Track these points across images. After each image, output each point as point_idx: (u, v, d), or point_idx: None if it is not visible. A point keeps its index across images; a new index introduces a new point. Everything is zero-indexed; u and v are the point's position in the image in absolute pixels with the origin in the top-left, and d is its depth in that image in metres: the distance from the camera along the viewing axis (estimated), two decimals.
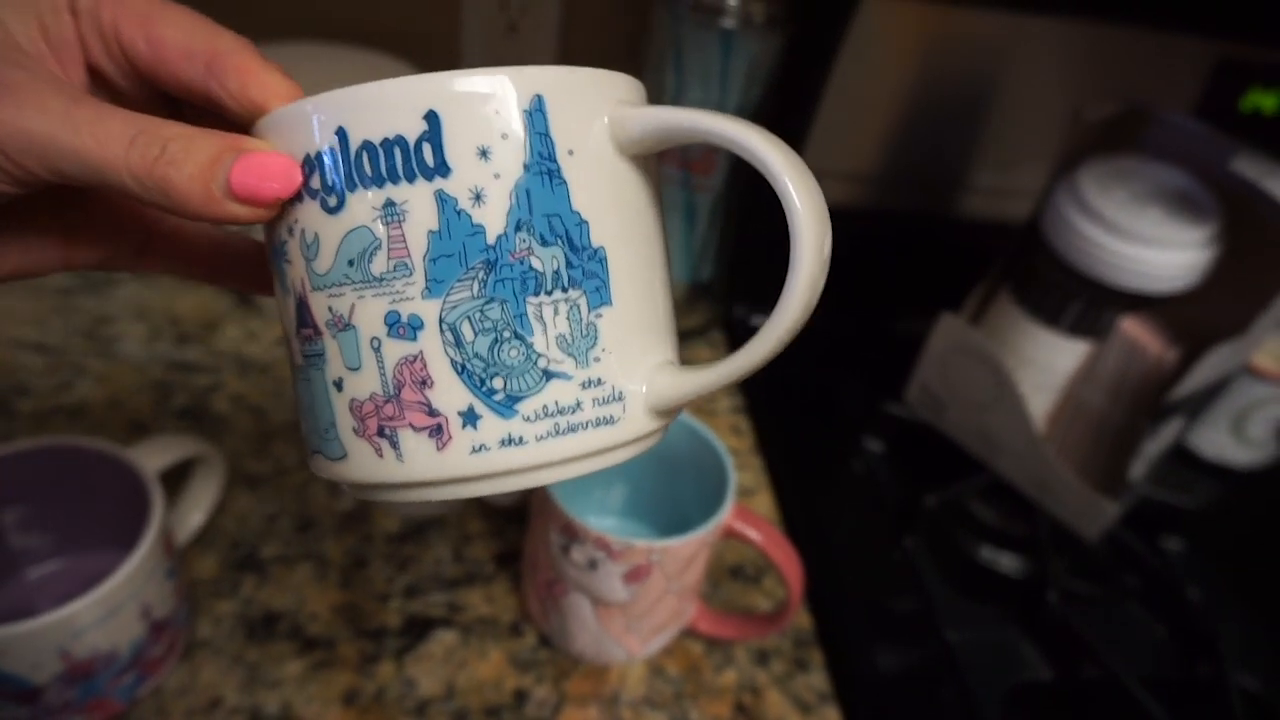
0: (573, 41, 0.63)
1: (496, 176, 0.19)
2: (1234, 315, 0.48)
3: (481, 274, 0.20)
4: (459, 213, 0.19)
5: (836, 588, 0.49)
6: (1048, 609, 0.51)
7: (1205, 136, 0.49)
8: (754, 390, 0.61)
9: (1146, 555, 0.56)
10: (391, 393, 0.20)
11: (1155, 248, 0.48)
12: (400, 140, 0.19)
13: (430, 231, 0.19)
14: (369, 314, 0.20)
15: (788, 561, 0.40)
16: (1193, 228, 0.48)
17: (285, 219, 0.20)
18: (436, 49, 0.63)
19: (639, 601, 0.39)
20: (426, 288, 0.19)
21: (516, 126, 0.19)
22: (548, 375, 0.20)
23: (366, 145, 0.19)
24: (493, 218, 0.19)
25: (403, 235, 0.19)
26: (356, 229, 0.19)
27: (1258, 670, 0.51)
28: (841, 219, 0.78)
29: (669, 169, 0.57)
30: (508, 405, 0.20)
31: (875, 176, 0.70)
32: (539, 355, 0.20)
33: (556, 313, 0.20)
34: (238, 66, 0.21)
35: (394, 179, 0.19)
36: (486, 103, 0.19)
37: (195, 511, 0.43)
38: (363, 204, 0.19)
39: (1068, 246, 0.50)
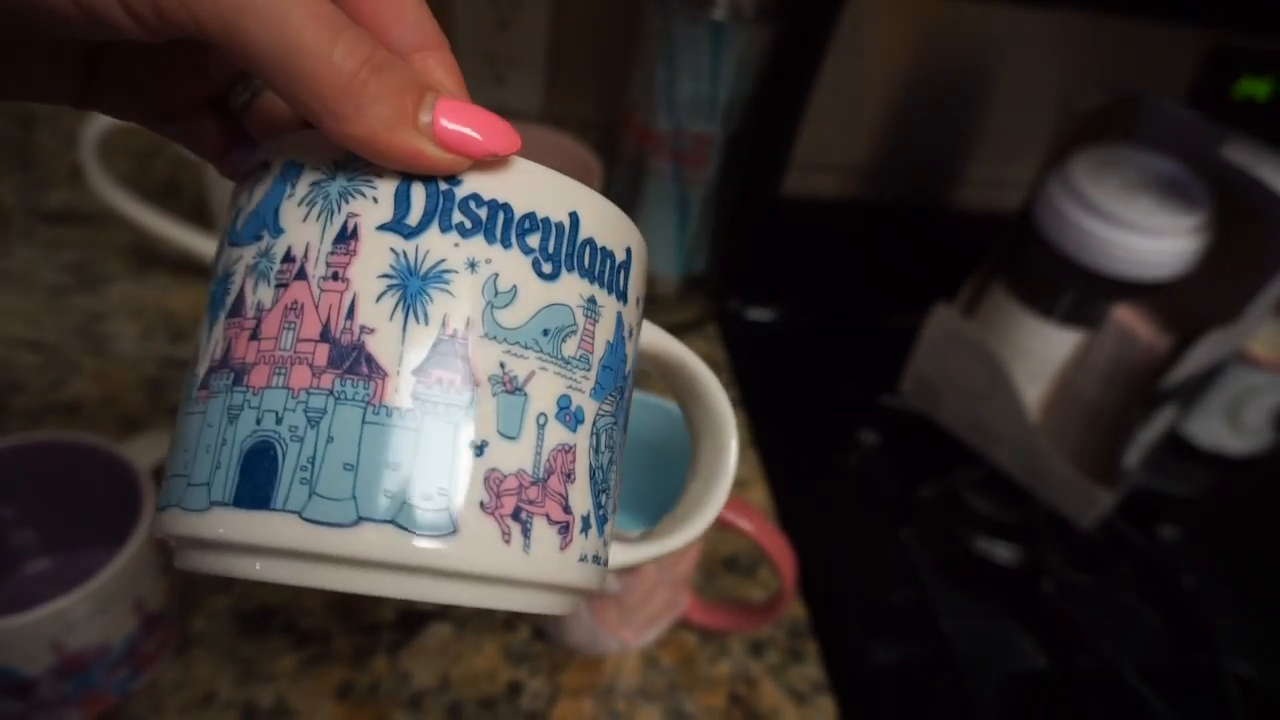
0: (563, 36, 0.63)
1: (637, 321, 0.22)
2: (1226, 302, 0.48)
3: (619, 396, 0.21)
4: (623, 338, 0.21)
5: (831, 579, 0.49)
6: (1043, 598, 0.51)
7: (1195, 124, 0.49)
8: (748, 382, 0.61)
9: (1141, 544, 0.56)
10: (540, 476, 0.19)
11: (1147, 235, 0.48)
12: (612, 255, 0.21)
13: (607, 341, 0.21)
14: (546, 388, 0.19)
15: (779, 551, 0.40)
16: (1184, 215, 0.48)
17: (462, 248, 0.18)
18: None
19: (632, 592, 0.39)
20: (595, 387, 0.20)
21: (641, 298, 0.23)
22: (615, 508, 0.22)
23: (590, 241, 0.20)
24: (630, 355, 0.22)
25: (593, 333, 0.20)
26: (562, 305, 0.19)
27: (1252, 657, 0.51)
28: (834, 211, 0.79)
29: (662, 163, 0.57)
30: (603, 522, 0.21)
31: (867, 168, 0.70)
32: (615, 485, 0.22)
33: (623, 453, 0.23)
34: (450, 63, 0.19)
35: (601, 283, 0.20)
36: (640, 267, 0.22)
37: None
38: (573, 287, 0.20)
39: (1060, 236, 0.50)
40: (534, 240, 0.19)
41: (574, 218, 0.20)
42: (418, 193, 0.18)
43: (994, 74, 0.65)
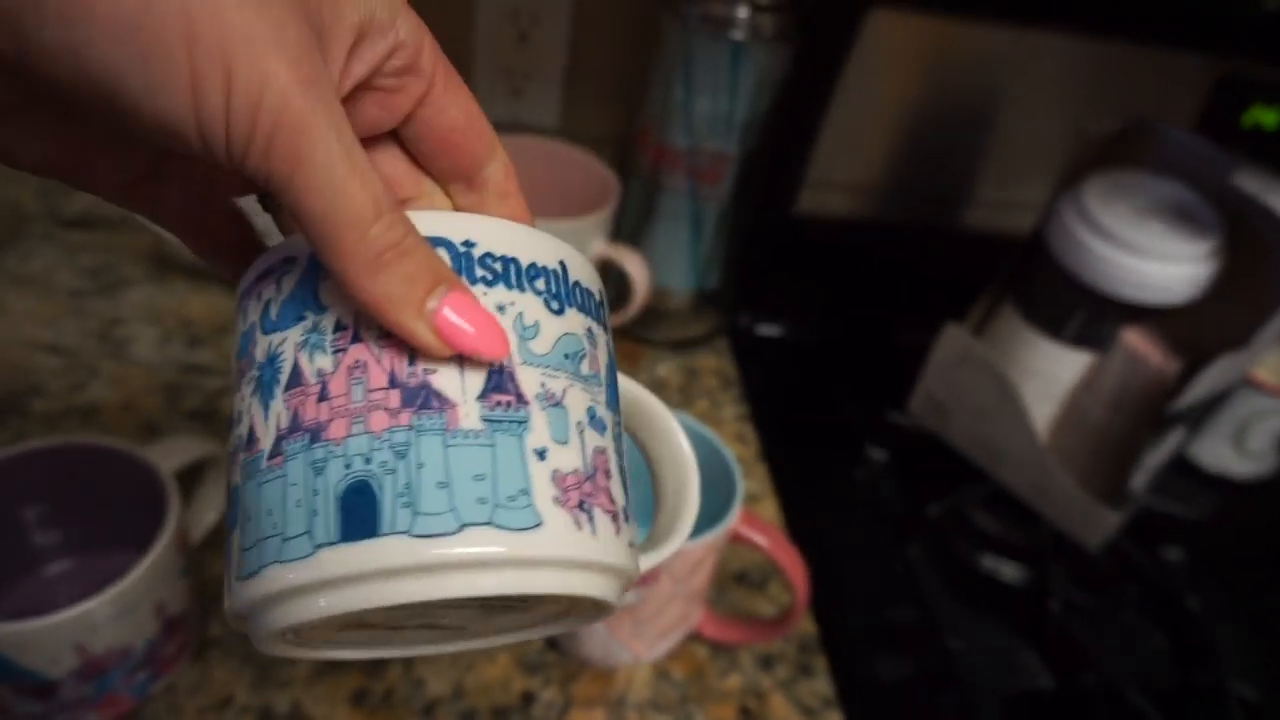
0: (582, 52, 0.64)
1: (611, 353, 0.25)
2: (1234, 327, 0.48)
3: (620, 410, 0.24)
4: (613, 361, 0.24)
5: (840, 595, 0.50)
6: (1049, 617, 0.52)
7: (1206, 152, 0.50)
8: (758, 397, 0.62)
9: (1147, 565, 0.56)
10: (590, 473, 0.22)
11: (1157, 260, 0.48)
12: (592, 294, 0.24)
13: (605, 363, 0.23)
14: (577, 401, 0.22)
15: (794, 566, 0.40)
16: (1194, 241, 0.49)
17: (489, 295, 0.21)
18: (448, 56, 0.63)
19: (646, 605, 0.39)
20: (606, 399, 0.23)
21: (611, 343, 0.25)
22: (630, 503, 0.24)
23: (578, 283, 0.23)
24: (612, 379, 0.24)
25: (596, 356, 0.23)
26: (572, 334, 0.22)
27: (1256, 679, 0.51)
28: (847, 230, 0.79)
29: (677, 179, 0.58)
30: (631, 515, 0.24)
31: (880, 188, 0.71)
32: (630, 495, 0.24)
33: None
34: (508, 185, 0.24)
35: (591, 315, 0.23)
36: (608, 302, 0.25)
37: (208, 512, 0.43)
38: (576, 320, 0.23)
39: (1071, 259, 0.51)
40: (541, 284, 0.22)
41: (563, 265, 0.23)
42: (443, 256, 0.21)
43: (1005, 98, 0.66)
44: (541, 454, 0.21)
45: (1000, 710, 0.47)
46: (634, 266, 0.55)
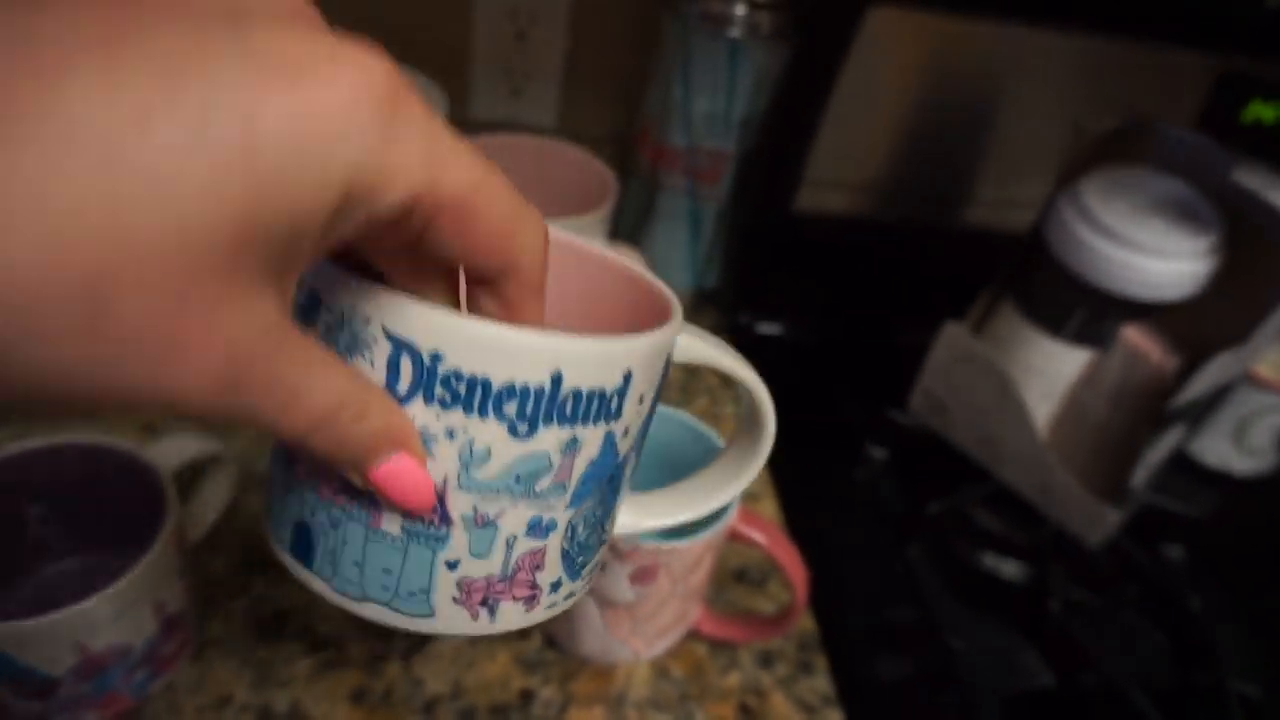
0: (580, 51, 0.64)
1: (638, 415, 0.23)
2: (1235, 324, 0.48)
3: (606, 485, 0.24)
4: (613, 445, 0.23)
5: (839, 594, 0.50)
6: (1049, 616, 0.52)
7: (1206, 148, 0.50)
8: None
9: (1147, 563, 0.56)
10: (507, 575, 0.23)
11: (1157, 257, 0.48)
12: (601, 392, 0.22)
13: (590, 460, 0.22)
14: (515, 518, 0.22)
15: (792, 563, 0.40)
16: (1194, 238, 0.49)
17: (442, 419, 0.20)
18: (446, 55, 0.63)
19: (645, 603, 0.39)
20: (570, 501, 0.23)
21: (658, 378, 0.24)
22: (601, 543, 0.26)
23: (575, 391, 0.21)
24: (626, 446, 0.24)
25: (571, 464, 0.22)
26: (537, 454, 0.21)
27: (1256, 678, 0.51)
28: (845, 228, 0.79)
29: (676, 178, 0.58)
30: (578, 571, 0.25)
31: (879, 186, 0.71)
32: (607, 533, 0.25)
33: (622, 501, 0.26)
34: (518, 301, 0.21)
35: (584, 421, 0.22)
36: (657, 360, 0.23)
37: (208, 511, 0.43)
38: (551, 437, 0.21)
39: (1071, 256, 0.51)
40: (511, 408, 0.21)
41: (556, 378, 0.21)
42: (406, 365, 0.20)
43: (1005, 95, 0.66)
44: (453, 565, 0.22)
45: (1000, 710, 0.47)
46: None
